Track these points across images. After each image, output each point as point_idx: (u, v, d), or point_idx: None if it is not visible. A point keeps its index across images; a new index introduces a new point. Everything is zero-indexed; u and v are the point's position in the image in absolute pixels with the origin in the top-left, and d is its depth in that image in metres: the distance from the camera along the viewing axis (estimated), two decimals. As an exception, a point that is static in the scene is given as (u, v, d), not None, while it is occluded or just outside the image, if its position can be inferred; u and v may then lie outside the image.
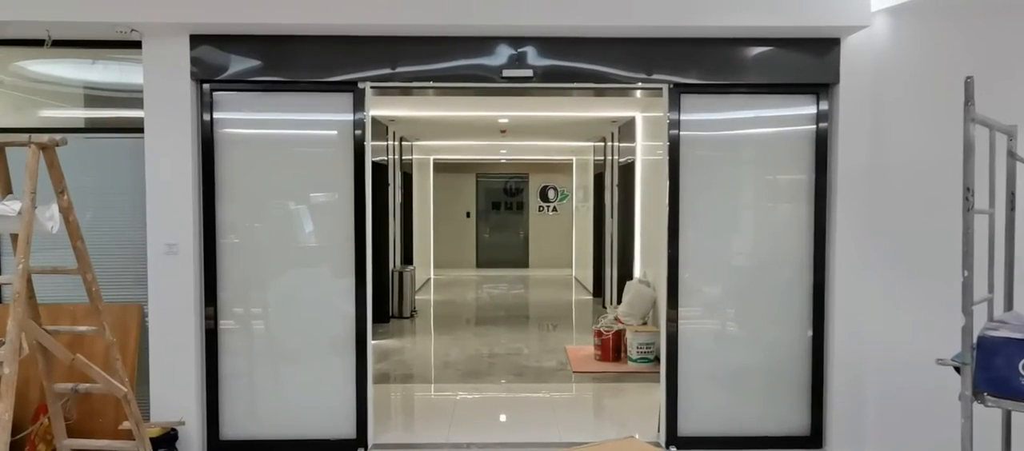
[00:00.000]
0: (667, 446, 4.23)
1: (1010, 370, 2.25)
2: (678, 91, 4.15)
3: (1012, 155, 2.70)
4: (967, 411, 2.32)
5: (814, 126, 4.19)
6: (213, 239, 4.18)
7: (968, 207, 2.28)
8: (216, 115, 4.15)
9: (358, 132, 4.16)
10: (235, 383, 4.26)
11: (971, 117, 2.28)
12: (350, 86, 4.12)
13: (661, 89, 4.17)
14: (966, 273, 2.28)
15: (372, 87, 4.15)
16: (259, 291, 4.27)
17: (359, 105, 4.14)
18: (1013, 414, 2.73)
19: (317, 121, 4.25)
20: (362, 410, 4.25)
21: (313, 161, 4.32)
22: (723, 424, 4.28)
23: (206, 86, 4.10)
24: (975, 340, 2.34)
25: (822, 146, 4.17)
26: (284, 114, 4.22)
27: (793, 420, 4.29)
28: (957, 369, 2.38)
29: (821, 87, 4.13)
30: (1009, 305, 2.74)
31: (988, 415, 2.60)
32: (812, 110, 4.19)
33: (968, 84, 2.28)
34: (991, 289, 2.66)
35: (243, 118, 4.26)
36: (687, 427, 4.26)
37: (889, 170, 3.97)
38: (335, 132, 4.21)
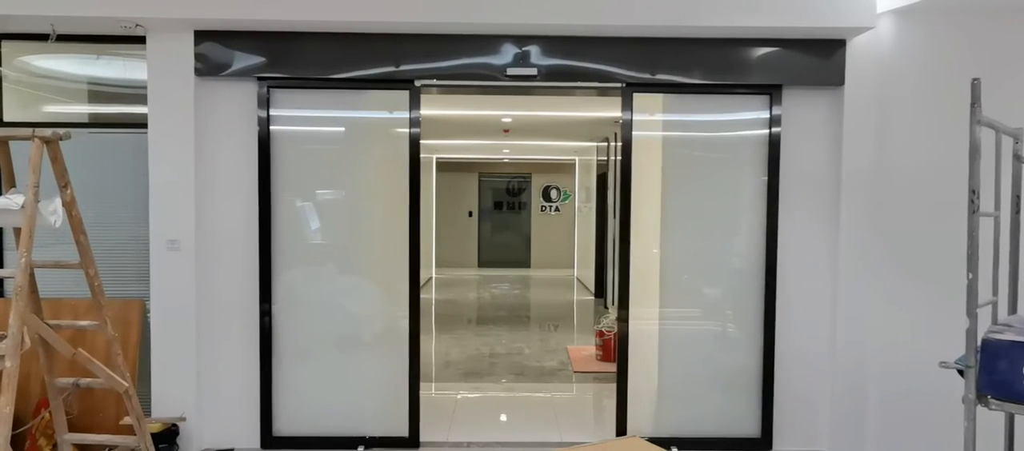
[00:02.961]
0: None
1: (1014, 373, 2.25)
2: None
3: (1018, 158, 2.69)
4: (970, 414, 2.31)
5: (767, 130, 4.20)
6: (268, 236, 4.17)
7: (973, 209, 2.27)
8: (273, 112, 4.16)
9: (414, 130, 4.20)
10: (289, 380, 4.27)
11: (977, 119, 2.28)
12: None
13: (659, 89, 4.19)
14: (971, 276, 2.27)
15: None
16: (312, 290, 4.29)
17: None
18: (1016, 417, 2.73)
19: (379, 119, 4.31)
20: (414, 409, 4.31)
21: (365, 159, 4.36)
22: (674, 424, 4.31)
23: (264, 83, 4.09)
24: (979, 343, 2.34)
25: (775, 150, 4.17)
26: (335, 112, 4.29)
27: (743, 421, 4.30)
28: (960, 372, 2.37)
29: (774, 89, 4.12)
30: (1013, 308, 2.73)
31: (991, 418, 2.60)
32: (765, 115, 4.19)
33: (974, 86, 2.28)
34: (995, 292, 2.66)
35: (300, 116, 4.27)
36: (635, 427, 4.31)
37: (893, 172, 3.96)
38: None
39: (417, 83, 4.11)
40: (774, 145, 4.17)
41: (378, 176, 4.32)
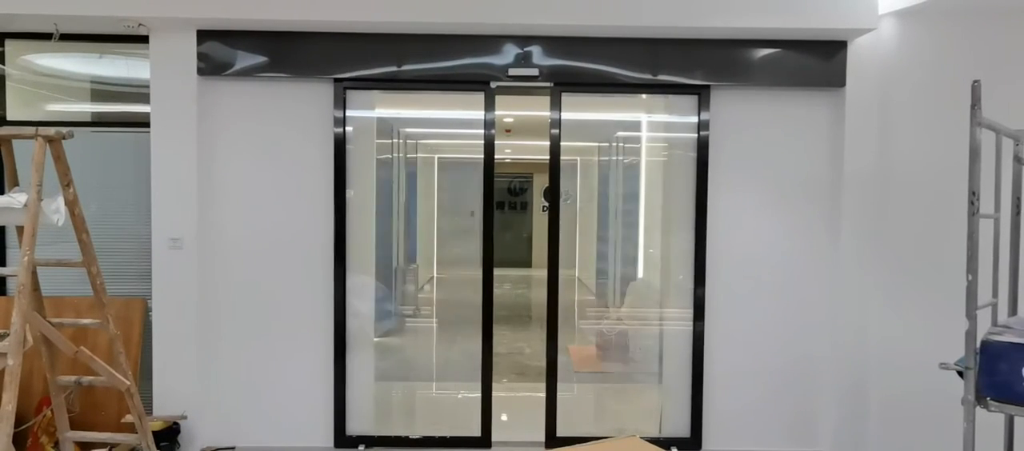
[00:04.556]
0: (547, 445, 4.36)
1: (1013, 375, 2.25)
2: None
3: (1018, 160, 2.69)
4: (969, 416, 2.31)
5: (695, 134, 4.26)
6: (343, 236, 4.22)
7: (973, 211, 2.27)
8: (349, 113, 4.22)
9: (490, 132, 4.24)
10: (361, 380, 4.33)
11: (977, 121, 2.28)
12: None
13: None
14: (970, 277, 2.27)
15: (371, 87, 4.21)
16: (376, 289, 4.39)
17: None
18: (1016, 419, 2.73)
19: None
20: (486, 409, 4.36)
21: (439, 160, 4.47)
22: (596, 424, 4.43)
23: (339, 85, 4.12)
24: (978, 344, 2.34)
25: (704, 150, 4.22)
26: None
27: (674, 421, 4.37)
28: (960, 373, 2.37)
29: (703, 88, 4.16)
30: (1013, 310, 2.73)
31: (990, 420, 2.60)
32: (696, 116, 4.26)
33: (975, 88, 2.28)
34: (995, 294, 2.66)
35: (371, 116, 4.39)
36: (563, 429, 4.40)
37: (894, 173, 3.96)
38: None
39: (493, 85, 4.14)
40: (702, 146, 4.22)
41: (445, 178, 4.44)
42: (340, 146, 4.18)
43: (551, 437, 4.37)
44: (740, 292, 4.28)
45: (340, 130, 4.17)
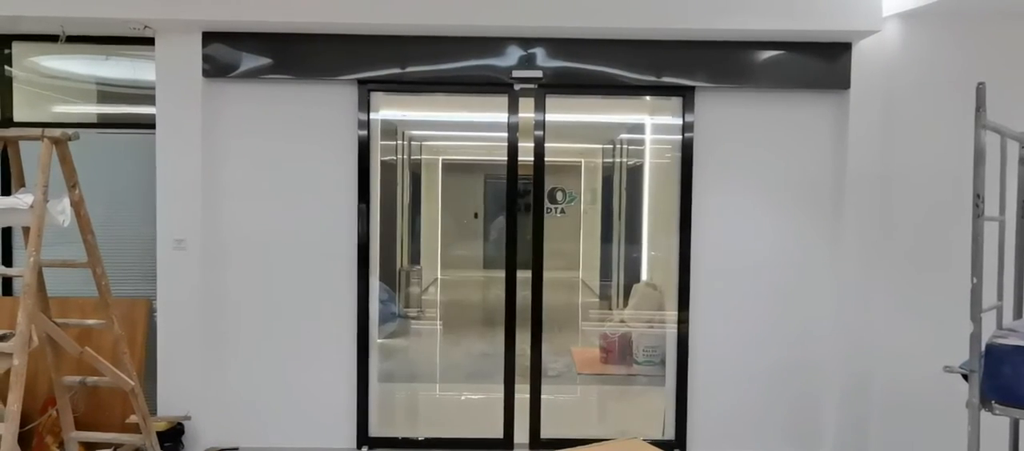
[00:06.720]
0: (531, 446, 4.38)
1: (1018, 378, 2.24)
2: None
3: (1023, 162, 2.69)
4: (974, 419, 2.30)
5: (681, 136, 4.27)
6: (367, 238, 4.23)
7: (978, 214, 2.27)
8: (373, 115, 4.23)
9: (512, 136, 4.23)
10: (385, 382, 4.41)
11: (982, 124, 2.27)
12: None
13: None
14: (975, 280, 2.27)
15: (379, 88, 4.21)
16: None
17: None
18: (1021, 422, 2.72)
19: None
20: (509, 410, 4.38)
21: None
22: (584, 426, 4.47)
23: (364, 87, 4.14)
24: (983, 348, 2.33)
25: (688, 151, 4.22)
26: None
27: (659, 423, 4.39)
28: (965, 377, 2.37)
29: (688, 90, 4.15)
30: (1018, 313, 2.72)
31: (995, 423, 2.59)
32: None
33: (980, 90, 2.27)
34: (1000, 297, 2.65)
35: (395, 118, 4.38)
36: (548, 430, 4.43)
37: (898, 175, 3.95)
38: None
39: (516, 87, 4.15)
40: (687, 147, 4.22)
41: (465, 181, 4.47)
42: (364, 148, 4.18)
43: (535, 438, 4.36)
44: (738, 293, 4.27)
45: (365, 132, 4.18)
